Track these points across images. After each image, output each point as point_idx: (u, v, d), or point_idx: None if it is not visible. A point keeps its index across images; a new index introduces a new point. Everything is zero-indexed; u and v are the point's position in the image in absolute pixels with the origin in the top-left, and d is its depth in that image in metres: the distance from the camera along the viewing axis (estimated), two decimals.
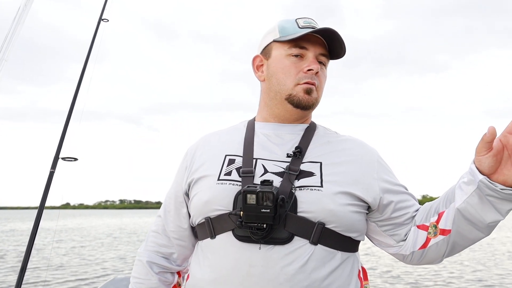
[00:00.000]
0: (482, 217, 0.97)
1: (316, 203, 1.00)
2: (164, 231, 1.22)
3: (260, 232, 0.97)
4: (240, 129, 1.22)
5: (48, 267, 10.20)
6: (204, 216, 1.08)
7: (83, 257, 12.80)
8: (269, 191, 0.95)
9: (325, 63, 1.17)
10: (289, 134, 1.16)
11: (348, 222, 1.03)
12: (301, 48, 1.13)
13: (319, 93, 1.15)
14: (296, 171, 1.05)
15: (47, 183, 2.21)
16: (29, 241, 2.01)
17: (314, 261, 0.98)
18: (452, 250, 1.06)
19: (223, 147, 1.17)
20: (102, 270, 10.20)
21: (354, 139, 1.19)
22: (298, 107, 1.13)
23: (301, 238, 0.99)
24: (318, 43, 1.14)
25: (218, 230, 1.05)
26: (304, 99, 1.12)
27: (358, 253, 1.14)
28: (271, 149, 1.12)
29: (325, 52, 1.15)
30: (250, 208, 0.96)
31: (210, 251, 1.06)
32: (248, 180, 1.04)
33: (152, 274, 1.18)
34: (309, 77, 1.12)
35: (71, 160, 2.31)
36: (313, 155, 1.10)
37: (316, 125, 1.23)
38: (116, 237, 21.17)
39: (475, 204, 0.97)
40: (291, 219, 0.99)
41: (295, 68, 1.13)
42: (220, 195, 1.05)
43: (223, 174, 1.09)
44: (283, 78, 1.14)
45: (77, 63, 2.63)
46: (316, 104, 1.16)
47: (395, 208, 1.10)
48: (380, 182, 1.10)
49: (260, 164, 1.08)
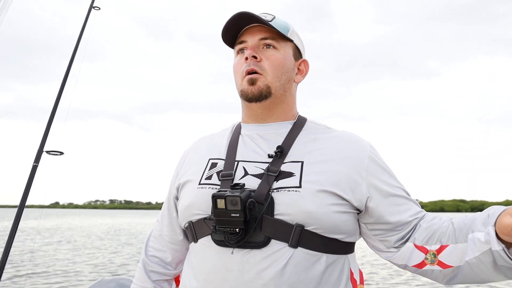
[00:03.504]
0: (490, 276, 0.94)
1: (293, 205, 0.97)
2: (160, 236, 1.24)
3: (233, 237, 0.96)
4: (227, 131, 1.21)
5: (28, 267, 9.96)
6: (187, 220, 1.08)
7: (69, 258, 12.57)
8: (236, 196, 0.94)
9: (273, 45, 1.11)
10: (273, 133, 1.12)
11: (330, 224, 0.98)
12: (241, 43, 1.13)
13: (268, 78, 1.09)
14: (275, 172, 1.02)
15: (29, 177, 2.06)
16: (7, 242, 1.85)
17: (293, 265, 0.95)
18: (450, 281, 1.00)
19: (209, 150, 1.17)
20: (88, 273, 10.00)
21: (345, 135, 1.13)
22: (250, 101, 1.10)
23: (279, 241, 0.96)
24: (259, 31, 1.11)
25: (199, 234, 1.05)
26: (249, 91, 1.09)
27: (353, 255, 1.08)
28: (254, 150, 1.10)
29: (265, 35, 1.11)
30: (220, 213, 0.95)
31: (194, 255, 1.07)
32: (226, 184, 1.03)
33: (148, 282, 1.21)
34: (247, 65, 1.09)
35: (57, 154, 2.17)
36: (295, 154, 1.06)
37: (306, 120, 1.17)
38: (105, 238, 20.93)
39: (487, 263, 0.91)
40: (267, 222, 0.97)
41: (240, 65, 1.12)
42: (200, 200, 1.05)
43: (204, 178, 1.09)
44: (235, 78, 1.15)
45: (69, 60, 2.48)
46: (268, 91, 1.09)
47: (385, 211, 1.04)
48: (368, 181, 1.03)
49: (241, 167, 1.07)
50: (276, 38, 1.11)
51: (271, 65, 1.10)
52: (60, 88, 2.37)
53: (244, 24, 1.12)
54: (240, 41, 1.13)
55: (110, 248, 15.49)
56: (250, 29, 1.12)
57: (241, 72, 1.11)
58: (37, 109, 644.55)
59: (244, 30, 1.13)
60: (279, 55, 1.11)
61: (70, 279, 9.01)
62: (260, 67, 1.09)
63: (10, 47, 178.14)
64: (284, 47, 1.13)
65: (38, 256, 12.52)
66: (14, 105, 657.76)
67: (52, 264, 10.98)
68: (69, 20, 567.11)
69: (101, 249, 15.13)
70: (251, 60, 1.09)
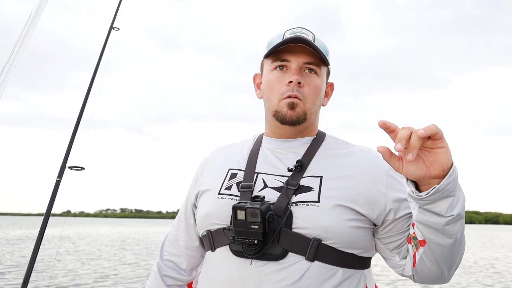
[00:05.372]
0: (433, 222, 0.91)
1: (311, 219, 0.98)
2: (175, 241, 1.24)
3: (252, 248, 0.97)
4: (248, 142, 1.22)
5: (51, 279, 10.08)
6: (206, 229, 1.09)
7: (89, 266, 12.67)
8: (256, 208, 0.94)
9: (316, 70, 1.11)
10: (294, 147, 1.13)
11: (347, 238, 0.99)
12: (282, 61, 1.10)
13: (307, 105, 1.09)
14: (294, 185, 1.03)
15: (53, 192, 2.16)
16: (34, 250, 1.95)
17: (310, 278, 0.96)
18: (439, 261, 0.98)
19: (229, 160, 1.17)
20: (103, 280, 10.08)
21: (364, 151, 1.14)
22: (284, 123, 1.10)
23: (296, 254, 0.97)
24: (303, 52, 1.09)
25: (217, 243, 1.06)
26: (287, 115, 1.08)
27: (369, 270, 1.10)
28: (274, 163, 1.11)
29: (311, 60, 1.09)
30: (240, 224, 0.96)
31: (210, 264, 1.07)
32: (246, 195, 1.04)
33: (162, 286, 1.21)
34: (290, 89, 1.08)
35: (78, 170, 2.27)
36: (315, 169, 1.07)
37: (326, 135, 1.18)
38: (122, 247, 21.02)
39: (423, 212, 0.91)
40: (285, 235, 0.98)
41: (278, 83, 1.10)
42: (219, 210, 1.06)
43: (224, 188, 1.09)
44: (269, 95, 1.12)
45: (82, 71, 2.62)
46: (304, 117, 1.10)
47: (403, 224, 1.05)
48: (388, 197, 1.04)
49: (261, 179, 1.07)
50: (319, 64, 1.11)
51: (311, 92, 1.09)
52: (82, 105, 2.46)
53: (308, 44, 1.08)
54: (282, 58, 1.10)
55: (128, 256, 15.57)
56: (294, 47, 1.09)
57: (280, 93, 1.09)
58: (47, 118, 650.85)
59: (286, 46, 1.09)
60: (319, 82, 1.11)
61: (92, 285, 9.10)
62: (302, 93, 1.08)
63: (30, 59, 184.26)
64: (323, 72, 1.13)
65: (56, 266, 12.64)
66: (27, 113, 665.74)
67: (71, 274, 11.08)
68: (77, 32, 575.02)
69: (120, 258, 15.21)
70: (296, 86, 1.08)
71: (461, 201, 0.89)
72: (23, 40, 2.56)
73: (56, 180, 2.19)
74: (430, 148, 0.83)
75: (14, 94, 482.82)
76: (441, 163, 0.83)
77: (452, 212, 0.88)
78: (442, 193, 0.85)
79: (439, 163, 0.83)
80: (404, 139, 0.79)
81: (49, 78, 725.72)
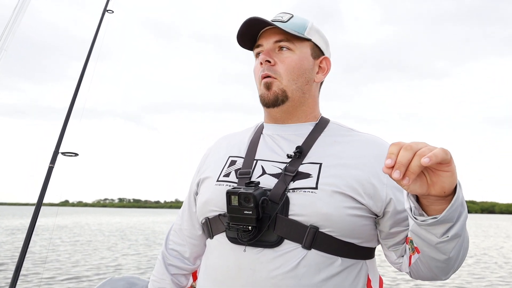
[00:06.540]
0: (426, 237, 0.88)
1: (308, 206, 0.96)
2: (180, 230, 1.25)
3: (246, 234, 0.95)
4: (250, 130, 1.21)
5: (44, 269, 10.08)
6: (204, 216, 1.09)
7: (80, 256, 12.69)
8: (249, 193, 0.93)
9: (288, 46, 1.09)
10: (294, 134, 1.11)
11: (346, 227, 0.96)
12: (257, 47, 1.12)
13: (284, 81, 1.07)
14: (292, 172, 1.01)
15: (45, 178, 2.11)
16: (26, 238, 1.91)
17: (306, 266, 0.94)
18: (433, 270, 0.96)
19: (230, 148, 1.17)
20: (97, 270, 10.09)
21: (369, 138, 1.10)
22: (267, 106, 1.10)
23: (292, 241, 0.95)
24: (274, 33, 1.09)
25: (214, 230, 1.06)
26: (265, 96, 1.09)
27: (372, 260, 1.06)
28: (274, 150, 1.09)
29: (279, 38, 1.08)
30: (234, 209, 0.95)
31: (209, 251, 1.08)
32: (243, 182, 1.02)
33: (167, 275, 1.21)
34: (262, 70, 1.09)
35: (72, 155, 2.22)
36: (314, 156, 1.04)
37: (329, 122, 1.15)
38: (115, 236, 21.08)
39: (418, 226, 0.88)
40: (281, 222, 0.96)
41: (257, 68, 1.11)
42: (217, 197, 1.05)
43: (223, 175, 1.09)
44: (256, 82, 1.14)
45: (79, 61, 2.54)
46: (284, 95, 1.08)
47: (403, 220, 1.01)
48: (390, 188, 1.00)
49: (260, 165, 1.06)
50: (291, 40, 1.09)
51: (286, 68, 1.07)
52: (75, 90, 2.41)
53: (261, 27, 1.10)
54: (257, 44, 1.12)
55: (119, 246, 15.62)
56: (265, 32, 1.10)
57: (258, 78, 1.10)
58: (44, 108, 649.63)
59: (261, 33, 1.11)
60: (295, 57, 1.09)
61: (82, 275, 9.12)
62: (274, 71, 1.07)
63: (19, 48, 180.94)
64: (300, 47, 1.10)
65: (48, 256, 12.66)
66: (24, 104, 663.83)
67: (63, 265, 11.10)
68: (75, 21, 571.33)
69: (110, 248, 15.26)
70: (265, 64, 1.08)
71: (460, 222, 0.84)
72: (13, 24, 2.49)
73: (49, 166, 2.14)
74: (434, 168, 0.76)
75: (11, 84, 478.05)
76: (442, 186, 0.77)
77: (447, 234, 0.85)
78: (441, 221, 0.82)
79: (440, 186, 0.77)
80: (403, 165, 0.72)
81: (47, 69, 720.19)
